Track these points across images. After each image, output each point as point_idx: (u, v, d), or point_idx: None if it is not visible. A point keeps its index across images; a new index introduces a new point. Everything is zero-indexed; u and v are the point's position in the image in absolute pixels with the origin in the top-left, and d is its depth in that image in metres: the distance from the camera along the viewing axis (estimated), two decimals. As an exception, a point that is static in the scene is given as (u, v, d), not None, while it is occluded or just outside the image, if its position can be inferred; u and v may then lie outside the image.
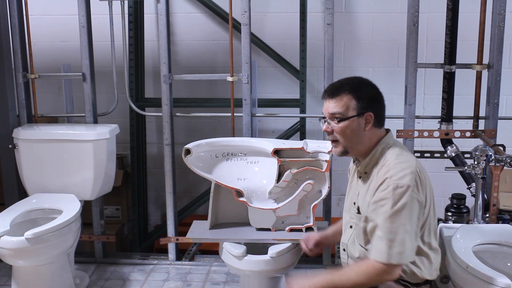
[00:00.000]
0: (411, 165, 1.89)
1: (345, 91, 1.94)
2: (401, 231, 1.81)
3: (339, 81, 2.01)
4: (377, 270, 1.84)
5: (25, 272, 2.71)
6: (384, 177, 1.87)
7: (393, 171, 1.86)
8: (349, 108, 1.93)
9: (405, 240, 1.82)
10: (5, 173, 3.25)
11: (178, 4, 3.93)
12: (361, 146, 1.97)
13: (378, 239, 1.84)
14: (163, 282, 3.12)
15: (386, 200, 1.83)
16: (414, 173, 1.86)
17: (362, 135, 1.95)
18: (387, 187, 1.84)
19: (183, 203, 4.03)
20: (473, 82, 3.05)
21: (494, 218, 2.72)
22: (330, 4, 2.92)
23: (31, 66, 3.28)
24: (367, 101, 1.93)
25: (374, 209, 1.87)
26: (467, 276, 2.03)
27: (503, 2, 2.83)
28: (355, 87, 1.95)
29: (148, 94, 4.03)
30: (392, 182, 1.83)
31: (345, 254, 2.08)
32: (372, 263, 1.86)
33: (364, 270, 1.86)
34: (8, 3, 3.14)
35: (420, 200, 1.86)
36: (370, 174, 1.97)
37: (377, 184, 1.89)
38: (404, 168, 1.86)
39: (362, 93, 1.94)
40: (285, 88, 3.96)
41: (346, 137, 1.96)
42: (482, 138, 2.91)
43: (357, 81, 1.99)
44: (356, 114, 1.92)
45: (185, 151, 2.61)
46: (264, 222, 2.66)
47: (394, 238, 1.81)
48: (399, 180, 1.83)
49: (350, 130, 1.94)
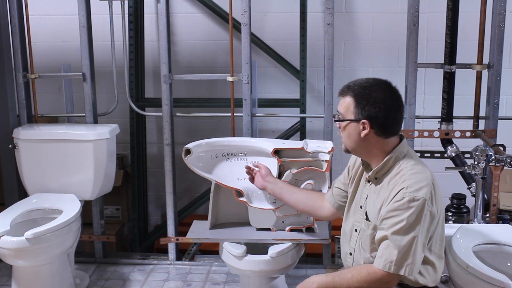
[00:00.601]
0: (427, 177, 1.86)
1: (350, 93, 1.93)
2: (413, 244, 1.80)
3: (354, 81, 1.97)
4: (379, 278, 1.84)
5: (25, 272, 2.71)
6: (400, 187, 1.84)
7: (409, 182, 1.83)
8: (348, 111, 1.92)
9: (416, 253, 1.81)
10: (5, 173, 3.25)
11: (178, 4, 3.93)
12: (364, 150, 1.96)
13: (388, 249, 1.83)
14: (163, 282, 3.12)
15: (400, 211, 1.81)
16: (429, 186, 1.84)
17: (361, 140, 1.93)
18: (402, 197, 1.82)
19: (183, 203, 4.03)
20: (473, 82, 3.05)
21: (494, 218, 2.72)
22: (330, 4, 2.92)
23: (31, 66, 3.28)
24: (368, 108, 1.88)
25: (386, 218, 1.84)
26: (467, 276, 2.03)
27: (503, 2, 2.83)
28: (360, 91, 1.91)
29: (148, 94, 4.03)
30: (408, 193, 1.81)
31: (351, 259, 2.06)
32: (374, 269, 1.85)
33: (365, 276, 1.86)
34: (8, 3, 3.14)
35: (433, 213, 1.85)
36: (381, 181, 1.95)
37: (391, 194, 1.86)
38: (420, 180, 1.84)
39: (364, 99, 1.89)
40: (285, 88, 3.96)
41: (345, 138, 1.97)
42: (482, 138, 2.91)
43: (371, 84, 1.93)
44: (353, 118, 1.91)
45: (185, 151, 2.61)
46: (264, 222, 2.66)
47: (406, 250, 1.81)
48: (416, 192, 1.81)
49: (348, 132, 1.95)
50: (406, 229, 1.80)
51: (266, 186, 2.47)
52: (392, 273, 1.82)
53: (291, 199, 2.42)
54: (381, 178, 1.95)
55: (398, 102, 1.93)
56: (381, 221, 1.87)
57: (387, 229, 1.84)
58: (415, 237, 1.81)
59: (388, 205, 1.85)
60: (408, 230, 1.80)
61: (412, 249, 1.81)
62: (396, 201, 1.83)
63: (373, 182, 1.98)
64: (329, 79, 2.98)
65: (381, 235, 1.86)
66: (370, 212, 1.96)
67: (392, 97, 1.92)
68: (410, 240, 1.80)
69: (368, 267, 1.88)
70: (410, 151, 1.98)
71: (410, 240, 1.80)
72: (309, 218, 2.63)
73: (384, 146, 1.94)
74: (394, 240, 1.82)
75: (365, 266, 1.91)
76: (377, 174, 1.96)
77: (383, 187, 1.93)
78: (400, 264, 1.81)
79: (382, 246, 1.86)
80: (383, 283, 1.85)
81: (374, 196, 1.96)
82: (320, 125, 3.27)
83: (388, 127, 1.92)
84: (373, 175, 1.97)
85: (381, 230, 1.87)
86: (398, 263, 1.81)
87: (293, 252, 2.52)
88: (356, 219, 2.04)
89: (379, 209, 1.90)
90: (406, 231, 1.80)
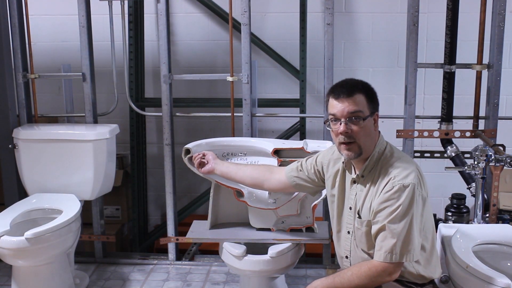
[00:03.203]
0: (411, 163, 1.92)
1: (359, 90, 1.92)
2: (409, 230, 1.83)
3: (346, 80, 1.97)
4: (380, 271, 1.85)
5: (25, 272, 2.71)
6: (388, 178, 1.88)
7: (395, 172, 1.88)
8: (365, 107, 1.92)
9: (414, 238, 1.84)
10: (5, 173, 3.25)
11: (178, 4, 3.93)
12: (372, 145, 1.97)
13: (386, 240, 1.84)
14: (163, 282, 3.12)
15: (393, 201, 1.84)
16: (415, 171, 1.88)
17: (374, 135, 1.96)
18: (392, 187, 1.85)
19: (183, 203, 4.03)
20: (473, 82, 3.05)
21: (494, 218, 2.72)
22: (330, 4, 2.92)
23: (31, 66, 3.28)
24: (375, 100, 1.96)
25: (379, 210, 1.87)
26: (467, 276, 2.03)
27: (503, 2, 2.83)
28: (364, 86, 1.95)
29: (148, 94, 4.03)
30: (397, 182, 1.85)
31: (348, 261, 2.06)
32: (374, 263, 1.86)
33: (366, 271, 1.86)
34: (8, 3, 3.13)
35: (424, 197, 1.88)
36: (367, 177, 1.96)
37: (380, 186, 1.89)
38: (406, 168, 1.88)
39: (371, 92, 1.96)
40: (285, 88, 3.96)
41: (365, 137, 1.92)
42: (482, 138, 2.90)
43: (360, 80, 1.99)
44: (369, 113, 1.92)
45: (185, 151, 2.61)
46: (264, 222, 2.66)
47: (404, 237, 1.82)
48: (404, 179, 1.85)
49: (368, 129, 1.93)
50: (401, 216, 1.83)
51: (214, 168, 2.48)
52: (394, 262, 1.83)
53: (238, 175, 2.43)
54: (368, 175, 1.96)
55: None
56: (374, 215, 1.89)
57: (382, 220, 1.85)
58: (411, 223, 1.83)
59: (379, 197, 1.88)
60: (403, 216, 1.83)
61: (409, 235, 1.83)
62: (386, 191, 1.86)
63: (359, 181, 1.99)
64: (329, 79, 2.98)
65: (377, 227, 1.88)
66: (361, 210, 1.97)
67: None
68: (406, 226, 1.83)
69: (367, 263, 1.89)
70: (388, 143, 2.02)
71: (406, 226, 1.83)
72: (309, 218, 2.63)
73: (376, 137, 1.98)
74: (391, 229, 1.83)
75: (364, 262, 1.92)
76: (364, 171, 1.97)
77: (369, 183, 1.95)
78: (400, 252, 1.83)
79: (379, 239, 1.87)
80: (385, 275, 1.85)
81: (363, 194, 1.97)
82: (320, 125, 3.28)
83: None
84: (360, 173, 1.98)
85: (376, 224, 1.89)
86: (398, 251, 1.83)
87: (293, 252, 2.52)
88: (347, 221, 2.04)
89: (370, 204, 1.92)
90: (401, 217, 1.83)
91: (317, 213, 2.69)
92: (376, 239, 1.88)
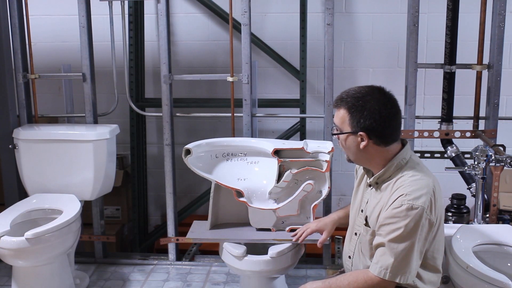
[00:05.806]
0: (428, 184, 1.83)
1: (343, 105, 1.88)
2: (409, 252, 1.79)
3: (347, 91, 1.92)
4: (375, 284, 1.83)
5: (25, 272, 2.71)
6: (399, 193, 1.82)
7: (408, 189, 1.81)
8: (344, 123, 1.89)
9: (412, 261, 1.80)
10: (5, 173, 3.25)
11: (178, 4, 3.93)
12: (366, 160, 1.94)
13: (384, 256, 1.82)
14: (163, 282, 3.12)
15: (398, 219, 1.79)
16: (429, 194, 1.81)
17: (361, 151, 1.90)
18: (400, 204, 1.79)
19: (183, 203, 4.03)
20: (473, 82, 3.05)
21: (494, 218, 2.72)
22: (330, 4, 2.92)
23: (31, 66, 3.28)
24: (364, 119, 1.84)
25: (384, 224, 1.83)
26: (467, 276, 2.03)
27: (503, 2, 2.83)
28: (354, 102, 1.86)
29: (148, 94, 4.03)
30: (407, 201, 1.79)
31: (350, 262, 2.06)
32: (370, 276, 1.84)
33: (362, 283, 1.85)
34: (8, 3, 3.14)
35: (431, 221, 1.82)
36: (381, 186, 1.93)
37: (390, 200, 1.84)
38: (420, 188, 1.81)
39: (358, 111, 1.85)
40: (285, 88, 3.96)
41: (346, 149, 1.95)
42: (482, 138, 2.91)
43: (363, 94, 1.88)
44: (350, 131, 1.88)
45: (185, 151, 2.61)
46: (264, 222, 2.66)
47: (402, 258, 1.79)
48: (414, 200, 1.79)
49: (347, 144, 1.92)
50: (403, 237, 1.79)
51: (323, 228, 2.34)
52: (387, 280, 1.81)
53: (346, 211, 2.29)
54: (382, 184, 1.93)
55: (393, 110, 1.88)
56: (379, 227, 1.86)
57: (384, 236, 1.82)
58: (412, 246, 1.79)
59: (386, 211, 1.83)
60: (405, 238, 1.79)
61: (408, 257, 1.79)
62: (395, 207, 1.81)
63: (374, 187, 1.97)
64: (329, 79, 2.98)
65: (378, 241, 1.85)
66: (369, 217, 1.95)
67: (386, 106, 1.86)
68: (406, 249, 1.79)
69: (364, 274, 1.87)
70: (413, 157, 1.95)
71: (406, 249, 1.79)
72: (309, 219, 2.63)
73: (385, 154, 1.91)
74: (390, 248, 1.80)
75: (362, 272, 1.90)
76: (378, 179, 1.94)
77: (383, 192, 1.91)
78: (395, 272, 1.80)
79: (378, 253, 1.85)
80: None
81: (374, 201, 1.94)
82: (320, 125, 3.28)
83: (387, 135, 1.88)
84: (374, 181, 1.95)
85: (378, 236, 1.86)
86: (394, 270, 1.80)
87: (293, 252, 2.52)
88: (357, 222, 2.04)
89: (378, 215, 1.89)
90: (403, 239, 1.79)
91: (317, 213, 2.69)
92: (376, 251, 1.86)
